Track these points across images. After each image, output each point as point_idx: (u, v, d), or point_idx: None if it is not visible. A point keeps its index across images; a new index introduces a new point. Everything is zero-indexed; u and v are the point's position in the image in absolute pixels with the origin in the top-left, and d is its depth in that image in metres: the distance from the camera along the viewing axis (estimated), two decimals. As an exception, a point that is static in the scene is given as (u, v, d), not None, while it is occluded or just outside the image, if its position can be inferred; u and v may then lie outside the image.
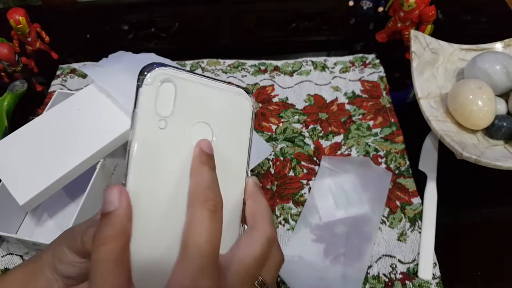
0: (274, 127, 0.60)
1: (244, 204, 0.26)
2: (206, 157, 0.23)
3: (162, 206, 0.22)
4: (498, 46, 0.61)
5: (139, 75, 0.22)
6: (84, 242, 0.24)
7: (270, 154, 0.57)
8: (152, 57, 0.58)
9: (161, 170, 0.22)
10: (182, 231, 0.22)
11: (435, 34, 0.62)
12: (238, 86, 0.26)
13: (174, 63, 0.61)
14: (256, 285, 0.24)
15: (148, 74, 0.22)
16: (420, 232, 0.50)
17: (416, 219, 0.51)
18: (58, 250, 0.25)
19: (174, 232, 0.22)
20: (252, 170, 0.54)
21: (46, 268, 0.26)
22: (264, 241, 0.24)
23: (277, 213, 0.52)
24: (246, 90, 0.26)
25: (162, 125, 0.22)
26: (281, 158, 0.57)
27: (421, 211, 0.51)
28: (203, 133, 0.24)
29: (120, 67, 0.54)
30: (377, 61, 0.68)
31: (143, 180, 0.22)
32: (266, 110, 0.62)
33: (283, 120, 0.61)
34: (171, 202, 0.23)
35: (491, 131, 0.53)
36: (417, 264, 0.47)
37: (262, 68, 0.67)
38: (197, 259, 0.21)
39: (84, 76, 0.68)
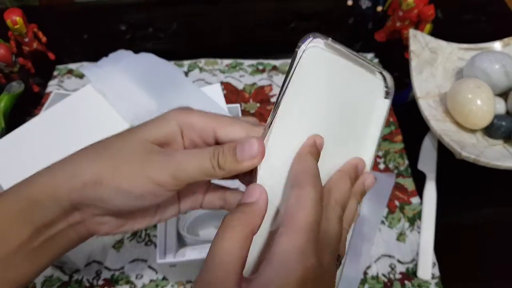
0: (272, 127, 0.60)
1: None
2: (316, 151, 0.26)
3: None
4: (497, 45, 0.60)
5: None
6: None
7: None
8: (151, 58, 0.58)
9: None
10: (285, 205, 0.24)
11: (434, 33, 0.62)
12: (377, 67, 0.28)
13: (172, 63, 0.61)
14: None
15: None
16: (419, 232, 0.49)
17: (415, 219, 0.51)
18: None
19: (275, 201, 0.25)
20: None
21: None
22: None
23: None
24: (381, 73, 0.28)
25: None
26: (280, 158, 0.56)
27: (420, 211, 0.51)
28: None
29: (119, 67, 0.54)
30: (376, 60, 0.68)
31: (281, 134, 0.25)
32: (264, 110, 0.62)
33: (281, 120, 0.61)
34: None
35: (490, 131, 0.53)
36: (416, 264, 0.47)
37: (260, 68, 0.67)
38: (307, 234, 0.22)
39: (81, 76, 0.68)
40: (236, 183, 0.29)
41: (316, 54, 0.25)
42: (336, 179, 0.28)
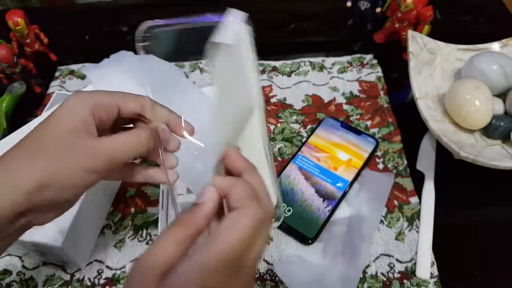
0: (272, 127, 0.60)
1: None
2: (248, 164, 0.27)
3: None
4: (495, 46, 0.61)
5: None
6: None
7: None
8: (152, 58, 0.58)
9: None
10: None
11: (432, 35, 0.63)
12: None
13: (173, 64, 0.61)
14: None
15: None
16: (418, 232, 0.50)
17: (414, 218, 0.51)
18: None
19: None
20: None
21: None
22: (252, 222, 0.23)
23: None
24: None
25: None
26: (279, 159, 0.57)
27: (419, 211, 0.51)
28: None
29: (120, 68, 0.54)
30: (375, 61, 0.68)
31: None
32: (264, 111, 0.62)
33: (281, 120, 0.61)
34: None
35: (488, 131, 0.54)
36: (415, 263, 0.48)
37: (260, 68, 0.68)
38: (220, 262, 0.21)
39: (82, 77, 0.69)
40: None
41: None
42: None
